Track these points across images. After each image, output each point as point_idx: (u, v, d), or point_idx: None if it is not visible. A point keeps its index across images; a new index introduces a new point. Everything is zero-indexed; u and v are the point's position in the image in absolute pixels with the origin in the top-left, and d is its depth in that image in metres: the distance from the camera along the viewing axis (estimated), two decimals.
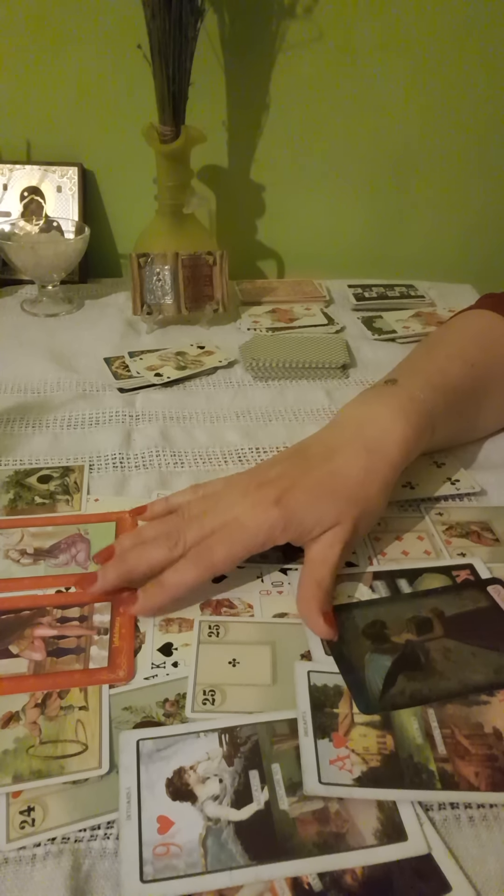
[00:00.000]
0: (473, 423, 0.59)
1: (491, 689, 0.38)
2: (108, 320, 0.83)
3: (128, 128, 0.88)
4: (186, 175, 0.83)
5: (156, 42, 0.74)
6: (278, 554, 0.48)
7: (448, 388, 0.53)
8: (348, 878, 0.30)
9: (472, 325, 0.61)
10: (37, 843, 0.32)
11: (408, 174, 0.97)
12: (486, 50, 0.89)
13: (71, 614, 0.43)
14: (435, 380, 0.53)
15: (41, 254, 0.80)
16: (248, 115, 0.91)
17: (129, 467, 0.57)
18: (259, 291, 0.92)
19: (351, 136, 0.94)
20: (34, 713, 0.37)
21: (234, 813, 0.33)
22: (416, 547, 0.49)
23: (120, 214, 0.96)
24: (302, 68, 0.88)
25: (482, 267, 1.04)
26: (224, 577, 0.46)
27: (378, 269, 1.01)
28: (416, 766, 0.35)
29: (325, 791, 0.33)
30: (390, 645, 0.41)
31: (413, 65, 0.89)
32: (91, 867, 0.31)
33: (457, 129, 0.94)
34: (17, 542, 0.49)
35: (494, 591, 0.45)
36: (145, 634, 0.42)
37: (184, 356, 0.75)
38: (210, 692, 0.38)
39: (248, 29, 0.86)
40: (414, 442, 0.49)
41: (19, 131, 0.90)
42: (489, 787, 0.34)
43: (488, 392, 0.57)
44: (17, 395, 0.67)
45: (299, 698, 0.38)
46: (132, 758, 0.35)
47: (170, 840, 0.32)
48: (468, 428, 0.59)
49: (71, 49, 0.85)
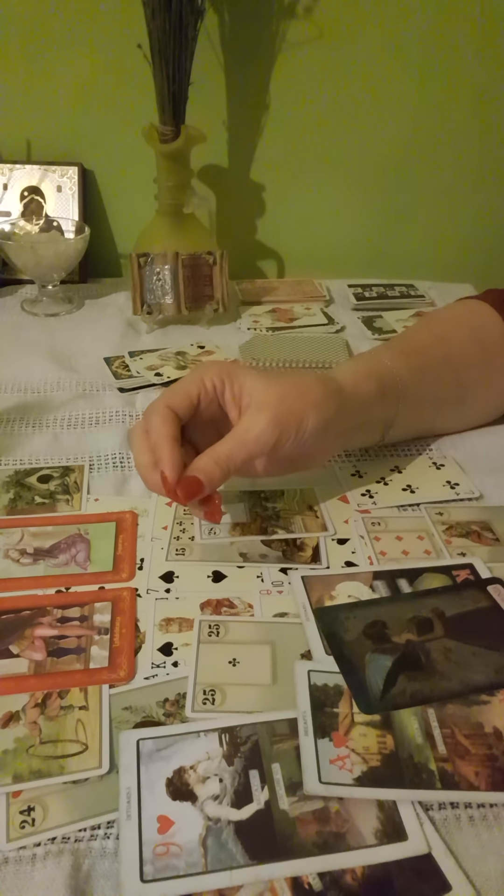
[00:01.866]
0: (454, 398, 0.59)
1: (491, 689, 0.38)
2: (108, 320, 0.83)
3: (128, 128, 0.88)
4: (186, 175, 0.83)
5: (156, 42, 0.74)
6: (278, 554, 0.48)
7: (412, 352, 0.56)
8: (348, 878, 0.30)
9: (458, 309, 0.64)
10: (37, 842, 0.32)
11: (408, 174, 0.97)
12: (486, 50, 0.89)
13: (71, 614, 0.43)
14: (400, 345, 0.58)
15: (41, 254, 0.80)
16: (248, 115, 0.91)
17: (129, 467, 0.57)
18: (259, 291, 0.92)
19: (351, 135, 0.94)
20: (34, 713, 0.37)
21: (234, 813, 0.33)
22: (416, 547, 0.49)
23: (120, 214, 0.96)
24: (302, 68, 0.88)
25: (482, 267, 1.04)
26: (224, 577, 0.46)
27: (378, 269, 1.00)
28: (417, 766, 0.35)
29: (325, 791, 0.33)
30: (391, 645, 0.41)
31: (413, 64, 0.89)
32: (91, 867, 0.31)
33: (457, 129, 0.94)
34: (17, 542, 0.49)
35: (495, 590, 0.45)
36: (145, 634, 0.42)
37: (184, 356, 0.75)
38: (210, 692, 0.38)
39: (248, 29, 0.86)
40: (366, 383, 0.52)
41: (19, 131, 0.90)
42: (489, 787, 0.34)
43: (465, 367, 0.58)
44: (17, 395, 0.67)
45: (299, 698, 0.38)
46: (132, 757, 0.35)
47: (170, 840, 0.32)
48: (449, 401, 0.59)
49: (71, 49, 0.85)
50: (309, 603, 0.44)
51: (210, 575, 0.46)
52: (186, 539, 0.49)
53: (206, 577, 0.46)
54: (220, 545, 0.49)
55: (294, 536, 0.50)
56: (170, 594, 0.45)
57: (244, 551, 0.48)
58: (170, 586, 0.45)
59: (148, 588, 0.45)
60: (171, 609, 0.44)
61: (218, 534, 0.50)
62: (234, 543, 0.49)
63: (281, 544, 0.49)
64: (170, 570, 0.47)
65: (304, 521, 0.51)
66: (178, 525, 0.51)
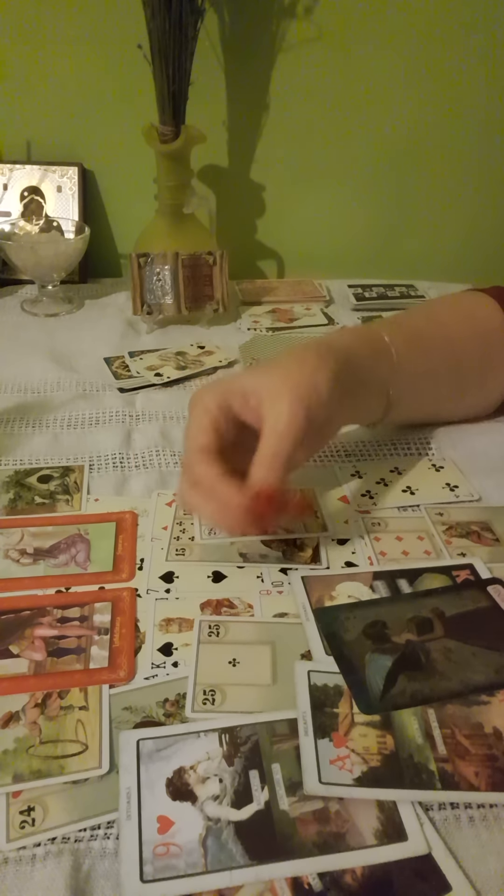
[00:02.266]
0: (453, 382, 0.59)
1: (491, 689, 0.38)
2: (108, 320, 0.83)
3: (128, 128, 0.88)
4: (186, 175, 0.83)
5: (156, 42, 0.74)
6: (278, 554, 0.48)
7: (407, 328, 0.57)
8: (348, 878, 0.30)
9: (458, 298, 0.64)
10: (37, 842, 0.32)
11: (408, 174, 0.97)
12: (486, 50, 0.89)
13: (71, 614, 0.43)
14: (394, 319, 0.60)
15: (41, 254, 0.80)
16: (248, 115, 0.91)
17: (129, 467, 0.57)
18: (259, 291, 0.92)
19: (351, 136, 0.94)
20: (34, 713, 0.37)
21: (234, 813, 0.33)
22: (416, 547, 0.49)
23: (120, 214, 0.96)
24: (302, 68, 0.88)
25: (482, 267, 1.04)
26: (224, 577, 0.46)
27: (378, 269, 1.00)
28: (417, 766, 0.35)
29: (325, 791, 0.33)
30: (391, 645, 0.41)
31: (413, 65, 0.89)
32: (91, 867, 0.31)
33: (456, 130, 0.94)
34: (17, 542, 0.49)
35: (495, 591, 0.45)
36: (145, 634, 0.42)
37: (184, 356, 0.75)
38: (210, 692, 0.38)
39: (248, 29, 0.86)
40: (356, 342, 0.52)
41: (19, 131, 0.90)
42: (489, 787, 0.34)
43: (464, 352, 0.58)
44: (17, 395, 0.67)
45: (299, 698, 0.38)
46: (132, 758, 0.35)
47: (170, 840, 0.32)
48: (448, 383, 0.59)
49: (71, 49, 0.85)
50: (309, 603, 0.44)
51: (210, 575, 0.46)
52: (186, 539, 0.49)
53: (206, 577, 0.46)
54: (220, 545, 0.49)
55: (294, 537, 0.50)
56: (170, 594, 0.45)
57: (244, 551, 0.48)
58: (170, 586, 0.45)
59: (148, 588, 0.45)
60: (171, 609, 0.44)
61: (218, 534, 0.50)
62: (234, 544, 0.49)
63: (281, 545, 0.49)
64: (170, 570, 0.47)
65: (305, 522, 0.51)
66: (178, 525, 0.51)
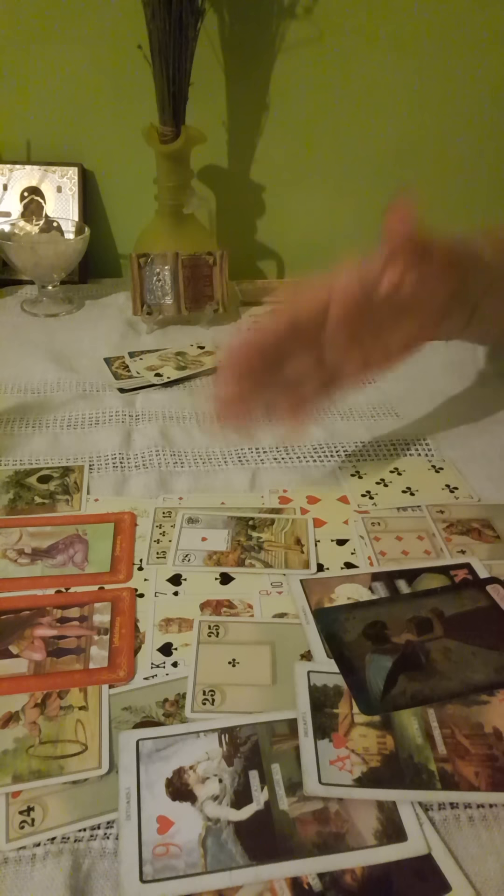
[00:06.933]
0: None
1: (491, 688, 0.38)
2: (108, 320, 0.83)
3: (128, 128, 0.88)
4: (186, 175, 0.83)
5: (156, 42, 0.74)
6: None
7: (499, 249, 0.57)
8: (348, 878, 0.30)
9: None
10: (37, 842, 0.32)
11: (408, 174, 0.97)
12: (486, 49, 0.89)
13: (71, 614, 0.43)
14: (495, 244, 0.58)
15: (41, 254, 0.80)
16: (248, 115, 0.91)
17: (129, 467, 0.57)
18: (259, 291, 0.92)
19: (351, 136, 0.93)
20: (34, 713, 0.37)
21: (233, 813, 0.33)
22: (415, 547, 0.49)
23: (120, 214, 0.96)
24: (302, 68, 0.88)
25: None
26: (232, 580, 0.46)
27: None
28: (417, 766, 0.35)
29: (325, 791, 0.33)
30: (391, 645, 0.41)
31: (413, 65, 0.89)
32: (91, 867, 0.31)
33: (457, 130, 0.94)
34: (16, 542, 0.49)
35: (494, 590, 0.45)
36: (145, 634, 0.42)
37: (184, 356, 0.75)
38: (210, 692, 0.38)
39: (248, 29, 0.86)
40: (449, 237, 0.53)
41: (19, 131, 0.90)
42: (489, 787, 0.34)
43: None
44: (17, 395, 0.67)
45: (299, 698, 0.38)
46: (132, 758, 0.35)
47: (169, 840, 0.32)
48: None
49: (71, 49, 0.85)
50: (308, 606, 0.44)
51: (218, 577, 0.46)
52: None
53: (214, 578, 0.46)
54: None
55: (269, 572, 0.47)
56: (168, 594, 0.45)
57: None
58: (178, 588, 0.45)
59: (156, 591, 0.45)
60: (170, 609, 0.44)
61: (192, 562, 0.48)
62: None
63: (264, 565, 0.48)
64: (177, 573, 0.47)
65: (287, 556, 0.48)
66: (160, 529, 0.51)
